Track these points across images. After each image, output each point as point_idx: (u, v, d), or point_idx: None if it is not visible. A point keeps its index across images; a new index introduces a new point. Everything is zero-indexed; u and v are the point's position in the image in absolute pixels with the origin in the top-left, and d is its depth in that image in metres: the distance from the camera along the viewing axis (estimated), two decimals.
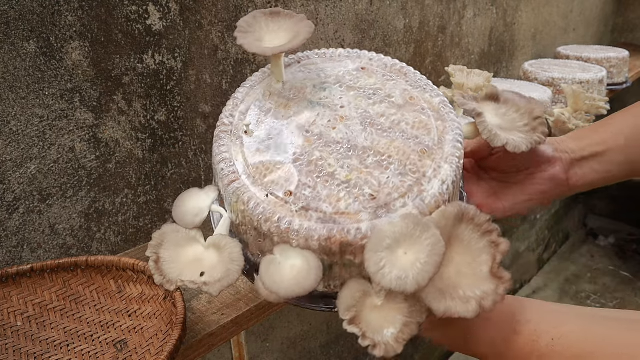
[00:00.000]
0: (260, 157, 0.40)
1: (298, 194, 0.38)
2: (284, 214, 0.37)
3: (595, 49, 1.48)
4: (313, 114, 0.43)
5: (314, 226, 0.36)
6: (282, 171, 0.39)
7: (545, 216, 2.04)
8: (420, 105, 0.45)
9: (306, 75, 0.46)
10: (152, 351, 0.45)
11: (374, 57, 0.49)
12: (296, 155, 0.40)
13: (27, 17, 0.49)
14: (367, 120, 0.43)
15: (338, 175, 0.39)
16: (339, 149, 0.41)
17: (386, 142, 0.41)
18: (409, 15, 0.98)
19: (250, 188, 0.38)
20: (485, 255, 0.37)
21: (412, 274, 0.33)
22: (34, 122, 0.52)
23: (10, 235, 0.53)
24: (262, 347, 0.93)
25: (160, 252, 0.37)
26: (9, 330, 0.46)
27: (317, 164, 0.40)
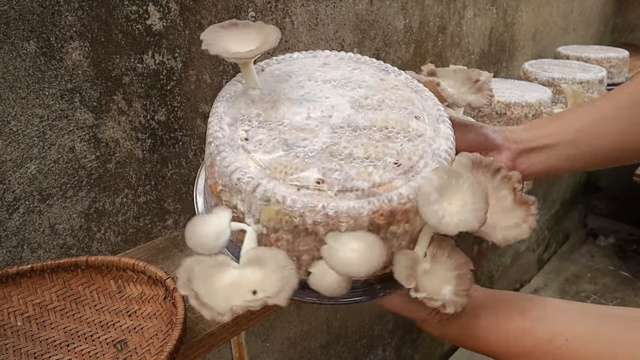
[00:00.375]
0: (271, 157, 0.39)
1: (329, 180, 0.38)
2: (325, 201, 0.37)
3: (595, 49, 1.48)
4: (304, 109, 0.44)
5: (358, 204, 0.36)
6: (301, 164, 0.39)
7: (545, 216, 2.04)
8: (392, 84, 0.49)
9: (277, 79, 0.47)
10: (152, 351, 0.45)
11: (330, 53, 0.51)
12: (308, 147, 0.40)
13: (27, 17, 0.49)
14: (356, 104, 0.45)
15: (357, 154, 0.40)
16: (344, 132, 0.42)
17: (382, 118, 0.44)
18: (409, 15, 0.98)
19: (278, 187, 0.37)
20: (504, 190, 0.41)
21: (471, 215, 0.36)
22: (34, 122, 0.52)
23: (10, 235, 0.53)
24: (262, 347, 0.93)
25: (195, 288, 0.34)
26: (9, 330, 0.46)
27: (332, 150, 0.40)
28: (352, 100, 0.45)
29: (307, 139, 0.41)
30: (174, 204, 0.67)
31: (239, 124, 0.42)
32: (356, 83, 0.47)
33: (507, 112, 0.93)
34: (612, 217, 2.38)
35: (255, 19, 0.71)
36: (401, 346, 1.42)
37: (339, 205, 0.36)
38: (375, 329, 1.27)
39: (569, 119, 0.54)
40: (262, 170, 0.38)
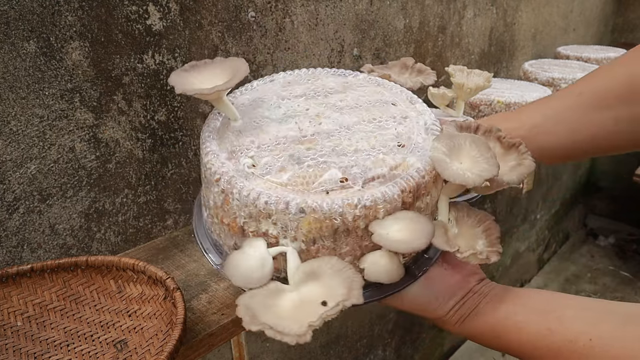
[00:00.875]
0: (287, 174, 0.40)
1: (350, 176, 0.39)
2: (358, 195, 0.38)
3: (595, 49, 1.48)
4: (292, 125, 0.45)
5: (388, 188, 0.38)
6: (317, 170, 0.40)
7: (545, 216, 2.04)
8: (356, 83, 0.52)
9: (251, 106, 0.48)
10: (152, 351, 0.45)
11: (285, 74, 0.53)
12: (316, 154, 0.41)
13: (27, 17, 0.49)
14: (336, 108, 0.47)
15: (362, 147, 0.42)
16: (341, 133, 0.44)
17: (366, 112, 0.47)
18: (409, 15, 0.98)
19: (308, 197, 0.37)
20: (490, 142, 0.44)
21: (487, 163, 0.39)
22: (34, 122, 0.52)
23: (10, 235, 0.53)
24: (262, 347, 0.93)
25: (264, 320, 0.33)
26: (9, 330, 0.46)
27: (338, 150, 0.42)
28: (331, 106, 0.47)
29: (311, 148, 0.42)
30: (174, 204, 0.67)
31: (238, 155, 0.42)
32: (325, 91, 0.49)
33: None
34: (612, 217, 2.38)
35: (256, 19, 0.71)
36: (401, 346, 1.42)
37: (373, 194, 0.38)
38: (375, 329, 1.27)
39: (522, 117, 0.56)
40: (284, 188, 0.38)
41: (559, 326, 0.39)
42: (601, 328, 0.37)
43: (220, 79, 0.43)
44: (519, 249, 1.93)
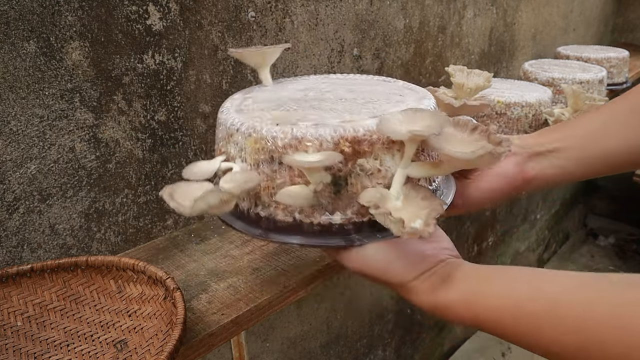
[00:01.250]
0: (267, 114, 0.46)
1: (306, 120, 0.43)
2: (295, 127, 0.41)
3: (595, 49, 1.48)
4: (303, 91, 0.52)
5: (324, 130, 0.40)
6: (288, 114, 0.45)
7: (545, 216, 2.04)
8: (374, 82, 0.56)
9: (284, 82, 0.57)
10: (152, 351, 0.45)
11: (310, 76, 0.59)
12: (298, 107, 0.47)
13: (27, 17, 0.49)
14: (348, 90, 0.52)
15: (337, 108, 0.46)
16: (332, 99, 0.49)
17: (369, 95, 0.50)
18: (409, 15, 0.98)
19: (262, 125, 0.43)
20: (482, 141, 0.43)
21: (430, 122, 0.40)
22: (34, 122, 0.52)
23: (10, 235, 0.53)
24: (262, 347, 0.93)
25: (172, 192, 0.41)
26: (9, 330, 0.46)
27: (315, 105, 0.47)
28: (345, 88, 0.52)
29: (299, 103, 0.48)
30: None
31: (246, 98, 0.51)
32: (352, 82, 0.56)
33: (507, 112, 0.93)
34: (612, 217, 2.38)
35: (256, 19, 0.71)
36: (401, 346, 1.42)
37: (306, 128, 0.41)
38: (375, 329, 1.27)
39: (576, 124, 0.54)
40: (253, 118, 0.44)
41: (539, 293, 0.37)
42: (585, 293, 0.35)
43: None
44: (519, 249, 1.93)
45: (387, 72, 0.97)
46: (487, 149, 0.38)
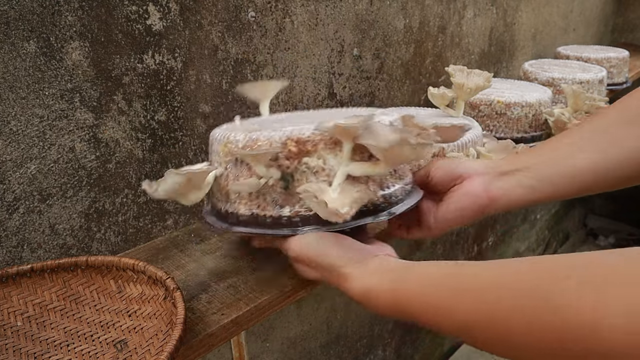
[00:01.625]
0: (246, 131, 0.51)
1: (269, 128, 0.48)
2: (257, 133, 0.47)
3: (595, 49, 1.48)
4: (284, 117, 0.59)
5: (275, 133, 0.46)
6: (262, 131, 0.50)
7: (545, 216, 2.04)
8: (352, 110, 0.59)
9: (274, 118, 0.62)
10: (152, 351, 0.45)
11: (311, 111, 0.65)
12: (277, 124, 0.52)
13: (27, 17, 0.49)
14: (328, 113, 0.58)
15: (306, 122, 0.50)
16: (307, 121, 0.52)
17: (339, 113, 0.55)
18: (409, 15, 0.98)
19: (234, 135, 0.49)
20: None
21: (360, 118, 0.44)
22: (34, 122, 0.52)
23: (10, 235, 0.53)
24: (262, 347, 0.93)
25: (159, 185, 0.47)
26: (9, 330, 0.46)
27: (286, 122, 0.52)
28: (321, 115, 0.57)
29: (273, 123, 0.53)
30: (173, 204, 0.67)
31: (239, 121, 0.56)
32: (328, 112, 0.61)
33: (507, 112, 0.93)
34: (612, 217, 2.38)
35: (256, 19, 0.71)
36: (401, 346, 1.42)
37: (260, 133, 0.47)
38: (375, 329, 1.27)
39: (545, 145, 0.54)
40: (230, 131, 0.50)
41: (462, 268, 0.39)
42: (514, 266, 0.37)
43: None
44: (519, 249, 1.93)
45: (387, 72, 0.97)
46: (404, 140, 0.41)
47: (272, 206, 0.47)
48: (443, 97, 0.80)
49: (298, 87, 0.80)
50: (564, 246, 2.31)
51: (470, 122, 0.78)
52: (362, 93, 0.93)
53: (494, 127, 0.94)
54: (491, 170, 0.52)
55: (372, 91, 0.95)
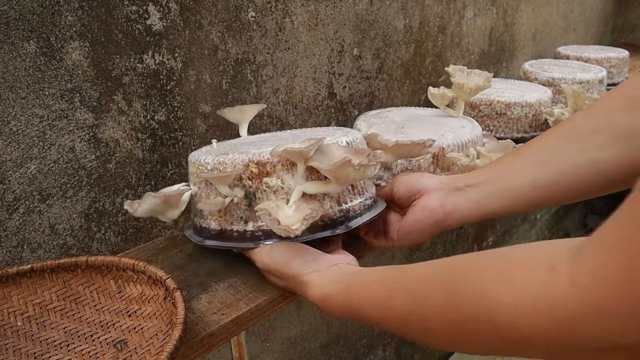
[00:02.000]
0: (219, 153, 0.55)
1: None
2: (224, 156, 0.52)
3: (595, 49, 1.48)
4: (258, 138, 0.62)
5: (239, 156, 0.50)
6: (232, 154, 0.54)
7: (545, 216, 2.04)
8: (321, 130, 0.62)
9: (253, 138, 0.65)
10: (152, 351, 0.45)
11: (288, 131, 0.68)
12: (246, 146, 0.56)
13: (27, 17, 0.49)
14: (293, 134, 0.60)
15: (268, 146, 0.53)
16: (275, 139, 0.57)
17: (307, 134, 0.58)
18: (409, 15, 0.98)
19: (205, 157, 0.53)
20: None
21: (309, 142, 0.48)
22: (34, 122, 0.52)
23: (10, 235, 0.53)
24: (262, 347, 0.93)
25: (140, 204, 0.52)
26: (9, 330, 0.46)
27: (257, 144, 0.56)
28: (295, 135, 0.59)
29: (247, 145, 0.56)
30: None
31: (219, 143, 0.61)
32: (302, 132, 0.63)
33: (507, 112, 0.93)
34: None
35: (256, 19, 0.71)
36: (401, 346, 1.42)
37: (226, 156, 0.51)
38: (375, 329, 1.27)
39: (496, 162, 0.57)
40: (205, 154, 0.54)
41: (401, 269, 0.42)
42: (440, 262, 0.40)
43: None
44: None
45: (387, 72, 0.97)
46: (346, 162, 0.45)
47: (238, 222, 0.52)
48: (443, 97, 0.80)
49: (298, 87, 0.80)
50: None
51: (470, 122, 0.78)
52: (362, 93, 0.93)
53: (494, 127, 0.94)
54: (446, 186, 0.55)
55: (372, 91, 0.95)
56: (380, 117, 0.80)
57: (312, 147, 0.47)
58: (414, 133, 0.72)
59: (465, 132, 0.72)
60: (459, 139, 0.69)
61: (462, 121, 0.79)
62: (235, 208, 0.52)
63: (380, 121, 0.78)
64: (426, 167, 0.68)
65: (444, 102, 0.81)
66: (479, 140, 0.73)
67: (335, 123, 0.89)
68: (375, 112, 0.84)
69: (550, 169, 0.52)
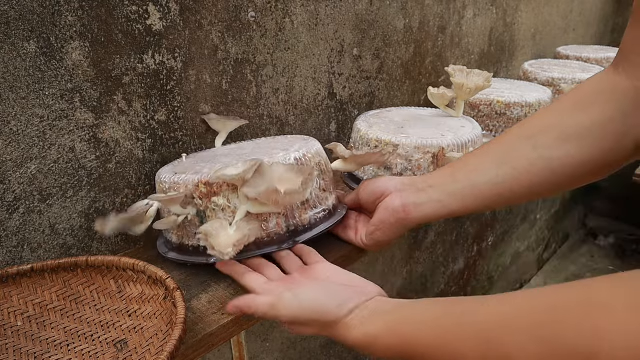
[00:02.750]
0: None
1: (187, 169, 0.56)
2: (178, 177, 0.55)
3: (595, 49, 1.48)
4: (226, 152, 0.64)
5: (190, 176, 0.53)
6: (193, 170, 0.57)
7: (545, 216, 2.04)
8: (286, 141, 0.64)
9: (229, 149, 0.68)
10: (152, 351, 0.45)
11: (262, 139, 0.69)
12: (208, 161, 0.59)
13: (27, 17, 0.49)
14: (262, 146, 0.62)
15: (224, 162, 0.56)
16: (236, 155, 0.60)
17: (269, 147, 0.61)
18: (409, 15, 0.98)
19: (169, 176, 0.55)
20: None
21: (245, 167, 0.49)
22: (34, 122, 0.52)
23: (11, 235, 0.53)
24: (262, 347, 0.94)
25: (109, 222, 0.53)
26: (9, 330, 0.46)
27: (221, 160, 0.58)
28: (258, 147, 0.62)
29: (210, 160, 0.59)
30: None
31: (190, 156, 0.65)
32: (268, 143, 0.64)
33: (507, 112, 0.93)
34: (612, 217, 2.38)
35: (256, 19, 0.71)
36: None
37: (179, 176, 0.54)
38: None
39: (457, 161, 0.58)
40: (170, 171, 0.57)
41: (460, 305, 0.39)
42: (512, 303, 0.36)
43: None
44: (519, 248, 1.93)
45: (387, 72, 0.98)
46: (272, 191, 0.48)
47: (193, 237, 0.55)
48: (443, 97, 0.80)
49: (298, 87, 0.80)
50: (563, 246, 2.31)
51: (470, 122, 0.78)
52: (362, 93, 0.93)
53: (494, 127, 0.94)
54: (408, 187, 0.56)
55: (372, 91, 0.95)
56: (380, 117, 0.80)
57: (248, 172, 0.49)
58: (414, 133, 0.72)
59: (465, 132, 0.72)
60: (459, 139, 0.69)
61: (462, 121, 0.79)
62: (190, 224, 0.54)
63: (380, 121, 0.78)
64: (426, 167, 0.69)
65: (444, 102, 0.81)
66: (479, 140, 0.73)
67: (335, 123, 0.89)
68: (375, 112, 0.84)
69: (508, 167, 0.52)
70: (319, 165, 0.57)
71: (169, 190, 0.54)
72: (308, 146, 0.58)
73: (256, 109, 0.75)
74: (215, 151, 0.65)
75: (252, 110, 0.74)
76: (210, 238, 0.49)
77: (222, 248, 0.47)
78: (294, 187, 0.48)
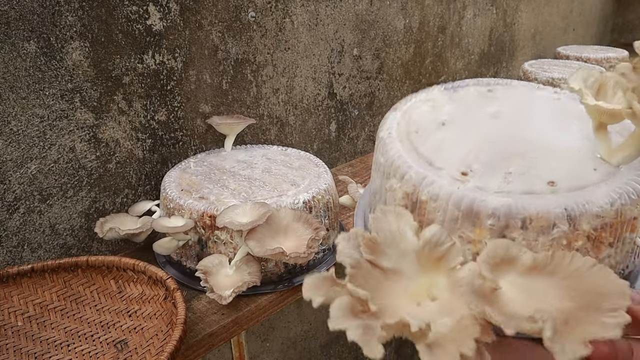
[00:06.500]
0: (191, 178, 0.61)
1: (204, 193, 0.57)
2: (189, 199, 0.55)
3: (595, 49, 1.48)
4: (237, 165, 0.64)
5: (197, 204, 0.53)
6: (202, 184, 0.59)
7: None
8: (297, 165, 0.64)
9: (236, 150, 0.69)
10: (152, 351, 0.45)
11: (273, 148, 0.70)
12: (218, 178, 0.60)
13: (28, 17, 0.49)
14: (271, 168, 0.63)
15: (232, 187, 0.58)
16: (246, 175, 0.61)
17: (281, 173, 0.61)
18: (409, 15, 0.98)
19: (177, 194, 0.56)
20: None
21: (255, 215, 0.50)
22: (34, 122, 0.52)
23: (11, 235, 0.53)
24: (262, 347, 0.94)
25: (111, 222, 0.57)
26: (9, 330, 0.46)
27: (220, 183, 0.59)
28: (268, 169, 0.63)
29: (220, 176, 0.60)
30: None
31: (198, 161, 0.65)
32: (279, 164, 0.65)
33: None
34: None
35: (256, 19, 0.71)
36: (401, 346, 1.42)
37: (189, 201, 0.54)
38: None
39: None
40: (174, 183, 0.58)
41: None
42: None
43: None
44: None
45: (387, 72, 0.97)
46: (278, 253, 0.47)
47: (192, 259, 0.55)
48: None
49: (298, 87, 0.80)
50: None
51: None
52: (362, 93, 0.93)
53: None
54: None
55: (372, 91, 0.95)
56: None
57: (256, 222, 0.49)
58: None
59: None
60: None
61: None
62: (190, 247, 0.55)
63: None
64: None
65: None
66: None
67: (335, 123, 0.89)
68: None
69: None
70: (327, 205, 0.57)
71: (173, 210, 0.54)
72: (319, 183, 0.58)
73: (256, 109, 0.75)
74: (224, 157, 0.65)
75: (252, 110, 0.74)
76: (210, 277, 0.49)
77: (221, 291, 0.48)
78: (299, 251, 0.49)
